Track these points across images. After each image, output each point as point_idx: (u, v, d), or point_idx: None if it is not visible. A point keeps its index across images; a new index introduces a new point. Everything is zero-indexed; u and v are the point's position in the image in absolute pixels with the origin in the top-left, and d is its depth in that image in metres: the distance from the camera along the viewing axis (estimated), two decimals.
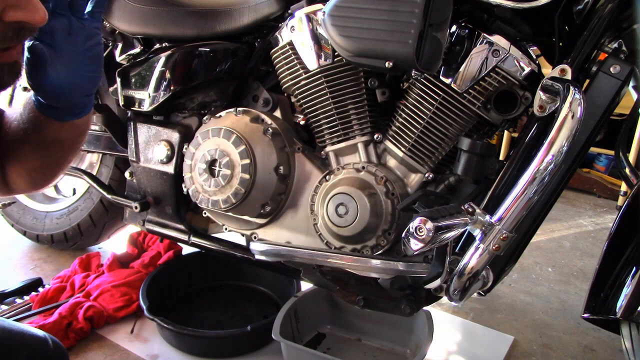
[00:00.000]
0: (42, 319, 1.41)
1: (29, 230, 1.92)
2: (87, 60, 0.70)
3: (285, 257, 1.17)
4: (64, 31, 0.67)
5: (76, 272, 1.66)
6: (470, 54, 1.00)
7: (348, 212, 1.07)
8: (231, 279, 1.68)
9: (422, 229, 0.78)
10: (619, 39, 1.01)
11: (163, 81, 1.28)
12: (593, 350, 1.52)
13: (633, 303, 0.85)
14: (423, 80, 1.05)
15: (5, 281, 1.66)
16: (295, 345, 1.25)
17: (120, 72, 1.35)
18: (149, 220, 1.44)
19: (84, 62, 0.70)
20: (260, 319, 1.46)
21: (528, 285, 1.89)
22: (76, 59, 0.69)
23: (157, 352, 1.38)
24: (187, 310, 1.56)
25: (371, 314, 1.35)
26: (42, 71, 0.67)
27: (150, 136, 1.38)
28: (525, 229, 1.00)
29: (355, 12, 0.93)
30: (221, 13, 1.28)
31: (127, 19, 1.32)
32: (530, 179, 0.82)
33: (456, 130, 1.04)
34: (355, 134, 1.14)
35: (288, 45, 1.17)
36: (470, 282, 0.88)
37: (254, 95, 1.32)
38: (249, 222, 1.25)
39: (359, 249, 1.11)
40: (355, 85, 1.12)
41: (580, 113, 0.82)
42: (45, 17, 0.56)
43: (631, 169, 1.01)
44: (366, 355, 1.39)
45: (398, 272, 1.05)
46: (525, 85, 0.99)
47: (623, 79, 0.93)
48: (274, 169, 1.17)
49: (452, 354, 1.45)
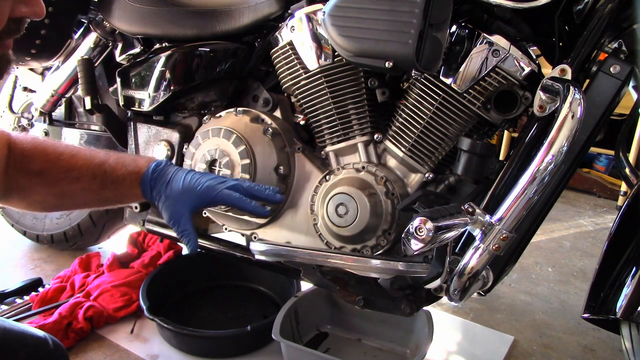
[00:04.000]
0: (42, 319, 1.41)
1: (29, 230, 1.92)
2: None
3: (285, 257, 1.17)
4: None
5: (76, 272, 1.66)
6: (470, 54, 1.00)
7: (348, 212, 1.07)
8: (231, 279, 1.68)
9: (422, 229, 0.78)
10: (619, 39, 1.01)
11: (163, 81, 1.28)
12: (593, 350, 1.52)
13: (633, 303, 0.85)
14: (423, 80, 1.05)
15: (5, 281, 1.66)
16: (295, 345, 1.25)
17: (120, 72, 1.35)
18: (149, 220, 1.43)
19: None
20: (260, 319, 1.46)
21: (528, 285, 1.89)
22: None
23: (157, 352, 1.38)
24: (187, 310, 1.56)
25: (371, 314, 1.34)
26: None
27: (150, 136, 1.38)
28: (525, 229, 0.99)
29: (355, 12, 0.93)
30: (221, 13, 1.28)
31: (127, 19, 1.32)
32: (530, 179, 0.82)
33: (456, 130, 1.04)
34: (355, 134, 1.14)
35: (288, 45, 1.17)
36: (470, 282, 0.88)
37: (254, 95, 1.32)
38: (249, 222, 1.25)
39: (359, 249, 1.11)
40: (355, 85, 1.12)
41: (580, 113, 0.82)
42: (44, 11, 0.63)
43: (631, 169, 1.01)
44: (366, 355, 1.39)
45: (398, 272, 1.05)
46: (525, 85, 0.99)
47: (623, 79, 0.93)
48: (274, 169, 1.17)
49: (452, 354, 1.45)
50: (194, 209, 0.89)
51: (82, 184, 0.85)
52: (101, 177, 0.86)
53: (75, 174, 0.85)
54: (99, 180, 0.86)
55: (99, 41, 1.49)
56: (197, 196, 0.88)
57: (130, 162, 0.89)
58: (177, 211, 0.87)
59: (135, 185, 0.88)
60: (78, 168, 0.85)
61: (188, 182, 0.88)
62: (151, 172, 0.89)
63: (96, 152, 0.90)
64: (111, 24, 1.37)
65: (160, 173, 0.89)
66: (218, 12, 1.28)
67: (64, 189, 0.85)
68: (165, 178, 0.89)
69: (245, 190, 0.93)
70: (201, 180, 0.89)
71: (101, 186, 0.87)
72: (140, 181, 0.88)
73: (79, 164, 0.85)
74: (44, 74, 1.68)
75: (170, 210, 0.88)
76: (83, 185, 0.85)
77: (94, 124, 1.63)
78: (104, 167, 0.87)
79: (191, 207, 0.88)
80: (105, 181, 0.86)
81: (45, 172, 0.84)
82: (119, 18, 1.33)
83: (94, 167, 0.86)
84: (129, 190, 0.88)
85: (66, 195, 0.86)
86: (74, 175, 0.85)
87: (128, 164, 0.89)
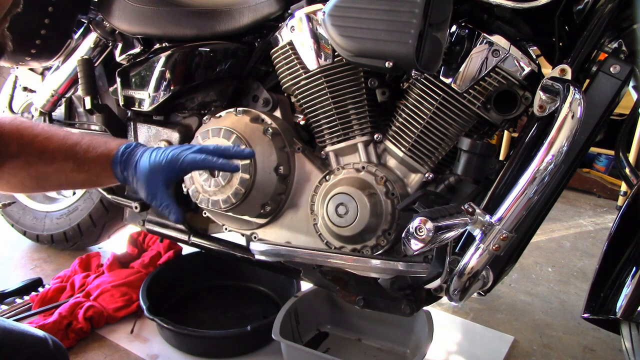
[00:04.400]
0: (42, 319, 1.41)
1: (29, 230, 1.92)
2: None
3: (285, 257, 1.17)
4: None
5: (76, 272, 1.66)
6: (470, 54, 1.00)
7: (348, 212, 1.07)
8: (231, 279, 1.68)
9: (422, 229, 0.77)
10: (619, 39, 1.01)
11: (163, 81, 1.28)
12: (593, 350, 1.52)
13: (633, 303, 0.85)
14: (423, 80, 1.05)
15: (5, 281, 1.66)
16: (295, 345, 1.25)
17: (120, 72, 1.35)
18: (149, 220, 1.43)
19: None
20: (260, 319, 1.46)
21: (528, 285, 1.89)
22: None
23: (157, 352, 1.38)
24: (187, 310, 1.56)
25: (371, 314, 1.34)
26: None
27: (150, 136, 1.38)
28: (525, 229, 0.99)
29: (355, 12, 0.93)
30: (221, 13, 1.28)
31: (127, 19, 1.32)
32: (530, 179, 0.82)
33: (456, 130, 1.04)
34: (355, 134, 1.14)
35: (288, 45, 1.17)
36: (470, 282, 0.88)
37: (254, 95, 1.32)
38: (249, 222, 1.25)
39: (359, 249, 1.11)
40: (355, 85, 1.12)
41: (580, 113, 0.82)
42: None
43: (631, 169, 1.01)
44: (366, 355, 1.39)
45: (398, 272, 1.05)
46: (525, 85, 0.99)
47: (623, 79, 0.93)
48: (274, 169, 1.17)
49: (452, 354, 1.45)
50: (168, 182, 0.91)
51: (56, 165, 0.87)
52: (73, 159, 0.87)
53: (48, 156, 0.86)
54: (72, 162, 0.88)
55: (99, 41, 1.49)
56: (165, 168, 0.89)
57: (101, 145, 0.91)
58: (151, 187, 0.89)
59: (107, 167, 0.90)
60: (52, 150, 0.86)
61: (154, 158, 0.90)
62: (120, 154, 0.90)
63: (70, 134, 0.91)
64: (111, 24, 1.37)
65: (130, 154, 0.91)
66: (218, 12, 1.28)
67: (39, 171, 0.87)
68: (134, 159, 0.91)
69: (211, 151, 0.94)
70: (166, 152, 0.91)
71: (74, 168, 0.88)
72: (111, 163, 0.89)
73: (53, 146, 0.86)
74: (44, 74, 1.68)
75: (145, 188, 0.89)
76: (57, 167, 0.87)
77: (94, 124, 1.63)
78: (76, 149, 0.88)
79: (164, 181, 0.90)
80: (78, 163, 0.88)
81: (21, 153, 0.85)
82: (119, 18, 1.33)
83: (67, 149, 0.87)
84: (101, 172, 0.90)
85: (41, 177, 0.87)
86: (47, 157, 0.86)
87: (100, 146, 0.90)
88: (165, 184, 0.90)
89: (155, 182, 0.89)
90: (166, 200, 0.90)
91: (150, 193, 0.90)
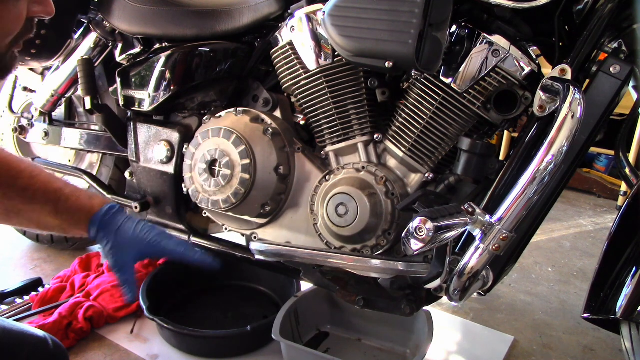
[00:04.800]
0: (42, 319, 1.41)
1: (29, 230, 1.92)
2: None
3: (285, 257, 1.17)
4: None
5: (76, 272, 1.66)
6: (470, 54, 1.00)
7: (348, 212, 1.07)
8: (231, 279, 1.68)
9: (422, 229, 0.78)
10: (619, 39, 1.01)
11: (163, 81, 1.28)
12: (593, 350, 1.52)
13: (633, 303, 0.85)
14: (423, 80, 1.05)
15: (5, 281, 1.66)
16: (295, 345, 1.25)
17: (120, 72, 1.35)
18: (149, 220, 1.43)
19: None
20: (260, 319, 1.46)
21: (528, 285, 1.89)
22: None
23: (157, 352, 1.38)
24: (187, 310, 1.56)
25: (371, 314, 1.34)
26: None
27: (150, 136, 1.38)
28: (525, 229, 1.00)
29: (355, 12, 0.93)
30: (221, 13, 1.28)
31: (127, 19, 1.32)
32: (530, 179, 0.82)
33: (456, 130, 1.04)
34: (355, 134, 1.14)
35: (288, 45, 1.17)
36: (470, 282, 0.88)
37: (254, 95, 1.32)
38: (249, 222, 1.25)
39: (359, 249, 1.11)
40: (355, 85, 1.12)
41: (580, 113, 0.82)
42: (54, 10, 0.71)
43: (631, 169, 1.01)
44: (366, 355, 1.39)
45: (398, 272, 1.05)
46: (525, 85, 0.99)
47: (623, 79, 0.93)
48: (274, 169, 1.17)
49: (452, 354, 1.45)
50: (139, 259, 0.91)
51: (34, 205, 0.86)
52: (54, 204, 0.86)
53: (29, 194, 0.85)
54: (51, 206, 0.86)
55: (99, 41, 1.49)
56: (144, 247, 0.89)
57: (84, 198, 0.90)
58: (122, 259, 0.88)
59: (83, 221, 0.88)
60: (34, 190, 0.85)
61: (138, 232, 0.89)
62: (103, 214, 0.89)
63: (55, 179, 0.90)
64: (111, 24, 1.37)
65: (111, 218, 0.89)
66: (218, 12, 1.28)
67: (14, 207, 0.85)
68: (115, 225, 0.89)
69: (189, 246, 0.94)
70: (150, 232, 0.90)
71: (51, 212, 0.87)
72: (90, 219, 0.88)
73: (36, 186, 0.86)
74: (44, 74, 1.68)
75: (115, 258, 0.88)
76: (34, 207, 0.86)
77: (94, 124, 1.63)
78: (59, 195, 0.87)
79: (136, 258, 0.89)
80: (57, 208, 0.87)
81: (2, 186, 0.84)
82: (119, 18, 1.33)
83: (50, 193, 0.87)
84: (76, 224, 0.89)
85: (13, 213, 0.86)
86: (28, 195, 0.85)
87: (82, 199, 0.89)
88: (135, 261, 0.89)
89: (129, 255, 0.88)
90: (131, 278, 0.88)
91: (118, 264, 0.88)
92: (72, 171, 1.60)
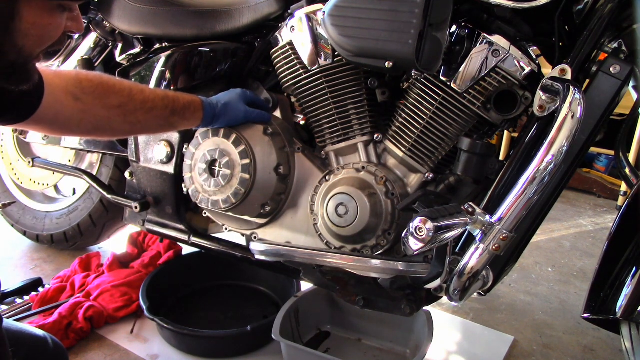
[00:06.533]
0: (42, 319, 1.41)
1: (29, 230, 1.92)
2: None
3: (285, 257, 1.17)
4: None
5: (76, 272, 1.66)
6: (470, 54, 1.00)
7: (348, 212, 1.07)
8: (231, 279, 1.68)
9: (422, 229, 0.77)
10: (619, 39, 1.01)
11: (163, 81, 1.28)
12: (593, 350, 1.52)
13: (633, 303, 0.85)
14: (423, 80, 1.05)
15: (5, 281, 1.66)
16: (295, 345, 1.25)
17: (120, 72, 1.35)
18: (149, 220, 1.44)
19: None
20: (260, 319, 1.46)
21: (528, 285, 1.89)
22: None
23: (157, 352, 1.38)
24: (187, 310, 1.56)
25: (371, 314, 1.35)
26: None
27: (150, 136, 1.38)
28: (525, 229, 0.99)
29: (355, 12, 0.93)
30: (221, 13, 1.28)
31: (127, 19, 1.32)
32: (530, 179, 0.82)
33: (456, 130, 1.04)
34: (356, 134, 1.14)
35: (288, 45, 1.17)
36: (470, 282, 0.88)
37: None
38: (249, 222, 1.25)
39: (359, 249, 1.11)
40: (355, 85, 1.12)
41: (580, 113, 0.82)
42: (83, 29, 0.78)
43: (631, 169, 1.01)
44: (366, 355, 1.39)
45: (398, 272, 1.05)
46: (525, 85, 0.99)
47: (623, 79, 0.93)
48: (274, 169, 1.17)
49: (452, 354, 1.45)
50: (242, 122, 1.17)
51: (155, 112, 1.04)
52: (171, 106, 1.06)
53: (149, 105, 1.03)
54: (170, 109, 1.06)
55: (99, 41, 1.49)
56: (241, 93, 1.18)
57: (184, 95, 1.10)
58: (237, 111, 1.15)
59: (198, 109, 1.10)
60: (151, 100, 1.04)
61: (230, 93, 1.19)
62: (209, 102, 1.13)
63: (155, 89, 1.11)
64: (111, 24, 1.37)
65: (215, 102, 1.14)
66: (218, 12, 1.28)
67: (138, 118, 1.03)
68: (216, 98, 1.16)
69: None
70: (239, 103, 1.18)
71: (171, 113, 1.06)
72: (202, 102, 1.11)
73: (151, 97, 1.04)
74: None
75: (232, 114, 1.14)
76: (156, 113, 1.05)
77: None
78: (170, 98, 1.06)
79: (241, 121, 1.17)
80: (174, 109, 1.06)
81: (123, 105, 1.01)
82: (119, 18, 1.33)
83: (162, 98, 1.05)
84: (193, 115, 1.10)
85: (140, 123, 1.05)
86: (148, 106, 1.03)
87: (184, 96, 1.09)
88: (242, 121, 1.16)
89: (239, 120, 1.16)
90: (255, 110, 1.17)
91: (238, 115, 1.15)
92: (72, 171, 1.60)
